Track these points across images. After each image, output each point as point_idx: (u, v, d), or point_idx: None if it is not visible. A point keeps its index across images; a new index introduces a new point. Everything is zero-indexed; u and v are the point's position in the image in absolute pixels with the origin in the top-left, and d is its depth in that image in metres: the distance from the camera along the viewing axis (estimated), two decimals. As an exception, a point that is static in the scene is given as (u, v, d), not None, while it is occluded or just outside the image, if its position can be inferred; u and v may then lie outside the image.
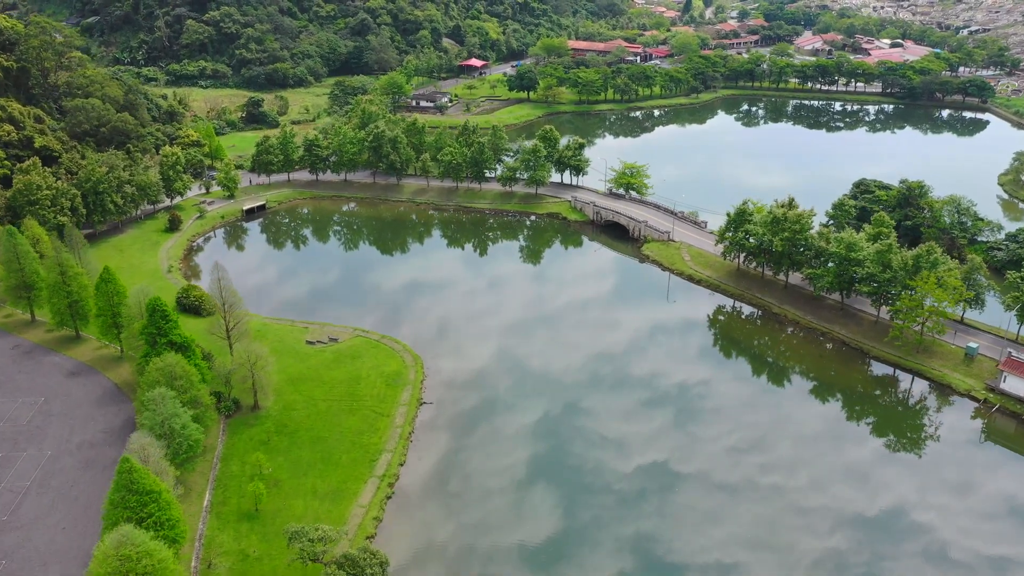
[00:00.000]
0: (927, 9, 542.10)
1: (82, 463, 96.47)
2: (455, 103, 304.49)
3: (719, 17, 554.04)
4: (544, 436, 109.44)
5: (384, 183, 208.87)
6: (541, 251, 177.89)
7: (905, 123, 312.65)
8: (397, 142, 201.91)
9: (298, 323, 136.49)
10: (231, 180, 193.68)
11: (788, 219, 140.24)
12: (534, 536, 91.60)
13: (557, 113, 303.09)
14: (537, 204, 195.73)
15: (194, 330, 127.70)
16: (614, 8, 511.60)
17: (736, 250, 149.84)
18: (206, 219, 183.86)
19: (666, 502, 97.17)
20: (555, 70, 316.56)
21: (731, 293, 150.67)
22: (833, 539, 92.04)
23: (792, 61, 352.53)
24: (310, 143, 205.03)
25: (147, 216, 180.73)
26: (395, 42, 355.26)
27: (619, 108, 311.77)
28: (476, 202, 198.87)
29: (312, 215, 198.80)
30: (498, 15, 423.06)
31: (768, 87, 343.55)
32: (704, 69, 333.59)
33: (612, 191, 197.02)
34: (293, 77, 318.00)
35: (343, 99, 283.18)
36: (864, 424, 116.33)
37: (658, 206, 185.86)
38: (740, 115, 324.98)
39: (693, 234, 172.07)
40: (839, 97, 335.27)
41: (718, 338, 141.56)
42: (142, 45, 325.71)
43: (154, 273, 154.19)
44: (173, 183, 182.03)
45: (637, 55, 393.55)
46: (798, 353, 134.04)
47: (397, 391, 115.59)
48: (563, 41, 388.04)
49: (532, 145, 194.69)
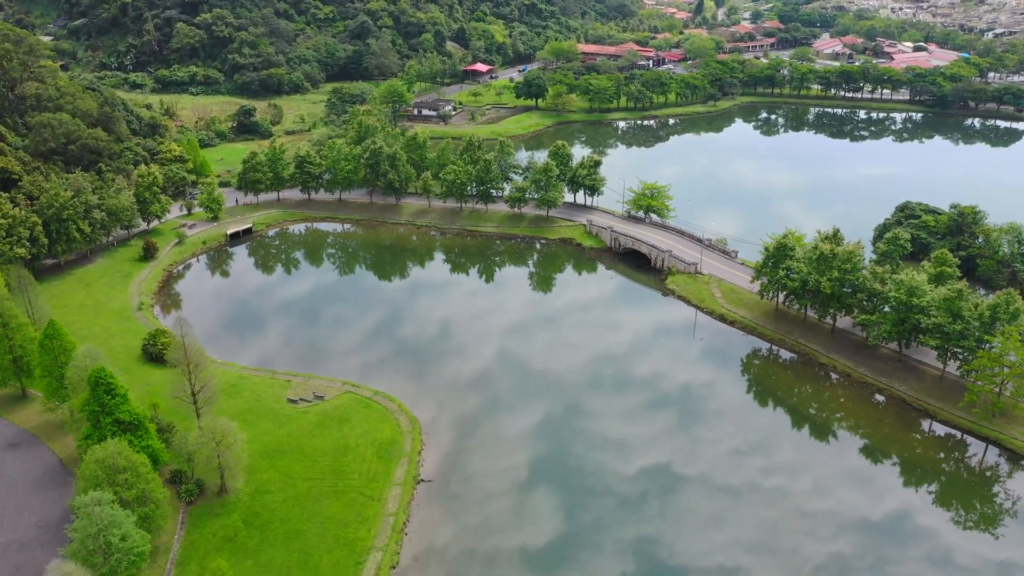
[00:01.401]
0: (948, 11, 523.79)
1: (8, 572, 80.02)
2: (459, 111, 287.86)
3: (732, 19, 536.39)
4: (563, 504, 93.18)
5: (382, 203, 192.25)
6: (553, 282, 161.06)
7: (935, 132, 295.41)
8: (396, 159, 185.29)
9: (279, 374, 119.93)
10: (214, 202, 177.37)
11: (837, 257, 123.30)
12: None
13: (567, 122, 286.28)
14: (548, 228, 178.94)
15: (160, 383, 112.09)
16: (624, 10, 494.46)
17: (775, 289, 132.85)
18: (185, 245, 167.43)
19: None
20: (565, 77, 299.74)
21: (769, 337, 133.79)
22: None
23: (814, 66, 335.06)
24: (301, 160, 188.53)
25: (120, 243, 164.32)
26: (396, 46, 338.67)
27: (632, 117, 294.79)
28: (482, 225, 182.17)
29: (303, 239, 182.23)
30: (504, 17, 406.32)
31: (789, 94, 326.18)
32: (722, 75, 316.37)
33: (630, 214, 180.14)
34: (289, 83, 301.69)
35: (340, 107, 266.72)
36: (927, 493, 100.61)
37: (682, 232, 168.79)
38: (759, 123, 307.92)
39: (723, 266, 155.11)
40: (864, 105, 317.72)
41: (752, 384, 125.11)
42: (130, 49, 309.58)
43: (122, 312, 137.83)
44: (149, 206, 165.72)
45: (650, 59, 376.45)
46: (848, 409, 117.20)
47: (390, 466, 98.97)
48: (572, 45, 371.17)
49: (543, 164, 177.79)
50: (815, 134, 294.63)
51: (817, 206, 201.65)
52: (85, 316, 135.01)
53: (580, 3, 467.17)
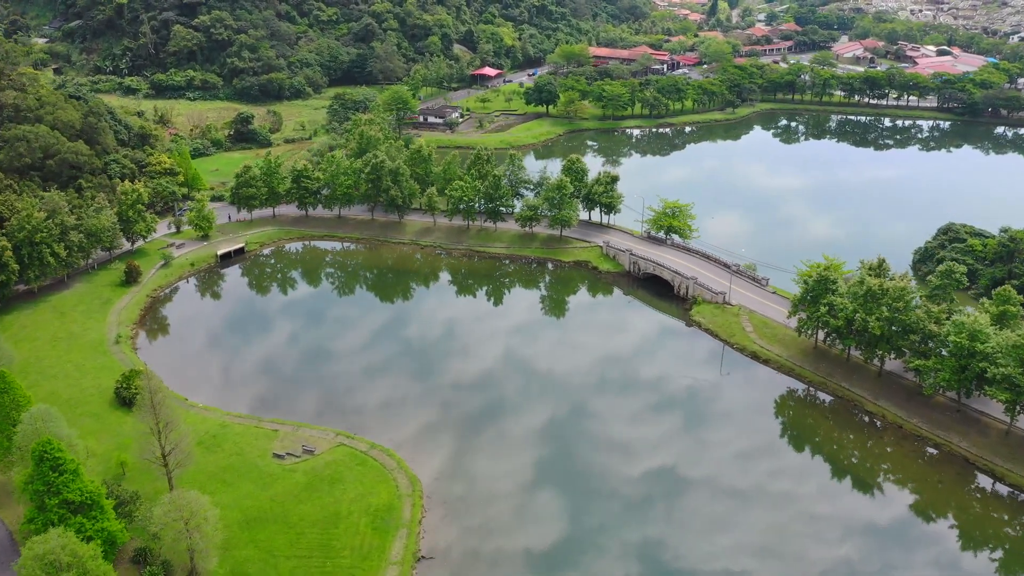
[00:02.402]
0: (970, 13, 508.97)
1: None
2: (466, 118, 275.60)
3: (746, 21, 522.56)
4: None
5: (384, 220, 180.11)
6: (567, 310, 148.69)
7: (963, 141, 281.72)
8: (399, 174, 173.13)
9: (266, 422, 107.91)
10: (204, 220, 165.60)
11: (887, 293, 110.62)
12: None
13: (579, 130, 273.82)
14: (562, 249, 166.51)
15: (133, 432, 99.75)
16: (636, 11, 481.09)
17: (815, 326, 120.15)
18: (172, 267, 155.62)
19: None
20: (577, 82, 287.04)
21: (808, 379, 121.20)
22: None
23: (836, 72, 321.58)
24: (298, 174, 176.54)
25: (101, 265, 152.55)
26: (402, 49, 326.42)
27: (647, 124, 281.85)
28: (490, 245, 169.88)
29: (299, 259, 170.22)
30: (513, 19, 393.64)
31: (810, 100, 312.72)
32: (740, 81, 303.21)
33: (650, 234, 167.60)
34: (289, 88, 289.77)
35: (343, 114, 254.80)
36: (988, 560, 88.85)
37: (707, 256, 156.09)
38: (779, 131, 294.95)
39: (753, 295, 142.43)
40: (890, 112, 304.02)
41: (787, 428, 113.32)
42: (126, 53, 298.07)
43: (97, 345, 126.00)
44: (133, 225, 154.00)
45: (664, 63, 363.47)
46: (897, 463, 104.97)
47: (387, 539, 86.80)
48: (584, 48, 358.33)
49: (557, 180, 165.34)
50: (837, 142, 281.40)
51: (845, 222, 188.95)
52: (56, 351, 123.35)
53: (591, 5, 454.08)
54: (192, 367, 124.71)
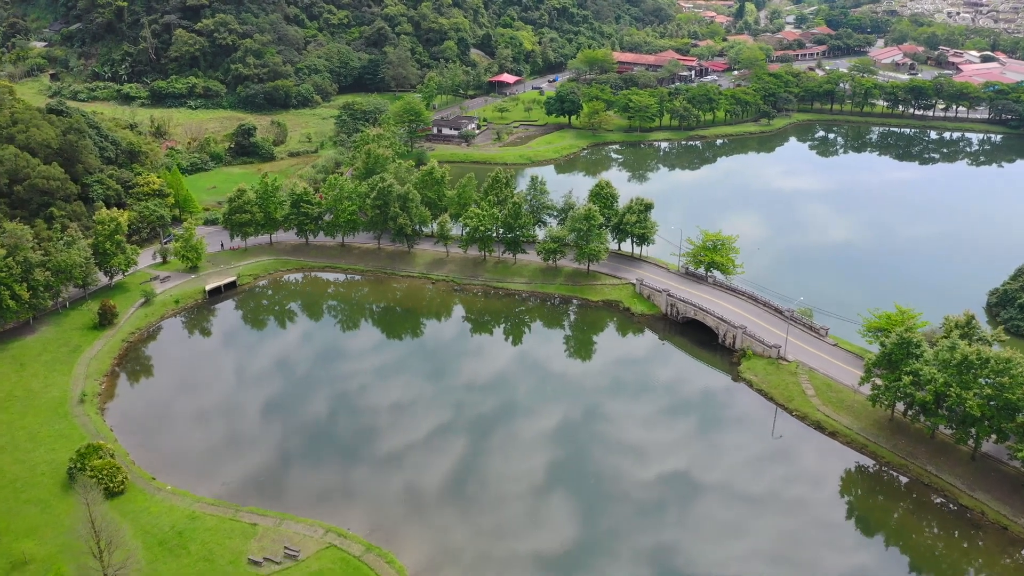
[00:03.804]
0: (1011, 16, 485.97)
1: None
2: (483, 130, 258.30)
3: (775, 24, 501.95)
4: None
5: (391, 250, 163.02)
6: (594, 359, 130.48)
7: (1016, 156, 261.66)
8: (408, 200, 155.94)
9: (244, 512, 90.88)
10: (192, 250, 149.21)
11: (988, 364, 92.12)
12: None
13: (603, 143, 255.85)
14: (589, 286, 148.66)
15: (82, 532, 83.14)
16: (660, 14, 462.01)
17: (896, 398, 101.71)
18: (154, 305, 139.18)
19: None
20: (601, 91, 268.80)
21: (883, 458, 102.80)
22: None
23: (877, 80, 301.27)
24: (298, 198, 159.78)
25: (74, 304, 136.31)
26: (416, 54, 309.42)
27: (676, 137, 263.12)
28: (509, 279, 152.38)
29: (297, 293, 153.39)
30: (533, 22, 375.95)
31: (851, 111, 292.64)
32: (775, 89, 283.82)
33: (688, 270, 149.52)
34: (297, 96, 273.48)
35: (351, 126, 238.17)
36: None
37: (756, 299, 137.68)
38: (815, 142, 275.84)
39: (810, 347, 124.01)
40: (936, 125, 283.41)
41: (853, 509, 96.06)
42: (125, 58, 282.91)
43: (58, 406, 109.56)
44: (110, 259, 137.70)
45: (692, 69, 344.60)
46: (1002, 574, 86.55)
47: None
48: (607, 53, 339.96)
49: (584, 209, 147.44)
50: (879, 155, 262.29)
51: (901, 253, 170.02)
52: (9, 413, 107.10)
53: (614, 7, 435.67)
54: (166, 432, 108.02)
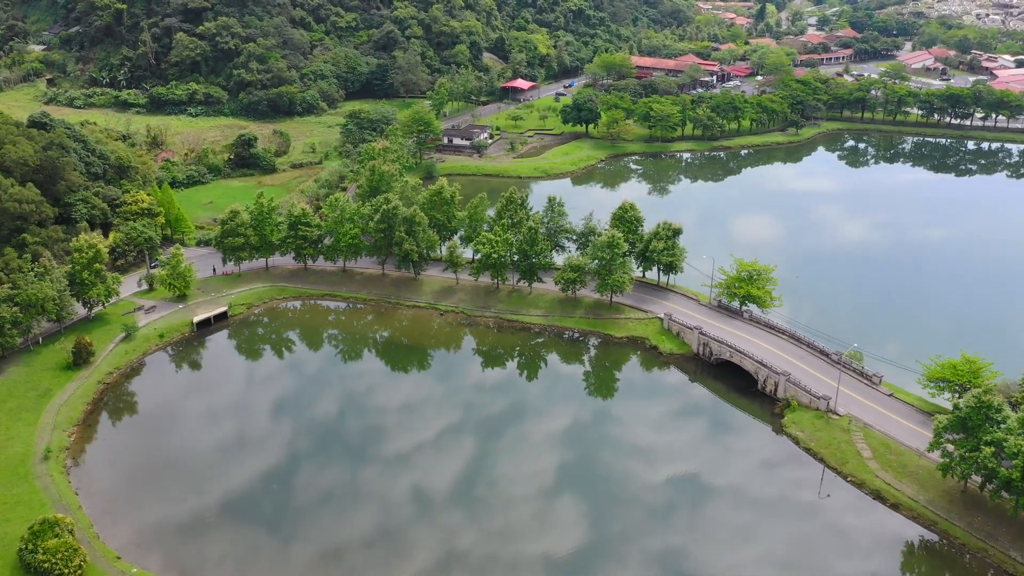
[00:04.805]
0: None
1: None
2: (496, 139, 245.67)
3: (797, 25, 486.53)
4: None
5: (397, 276, 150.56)
6: (616, 406, 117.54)
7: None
8: (415, 223, 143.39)
9: (220, 604, 78.66)
10: (180, 278, 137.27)
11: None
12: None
13: (623, 155, 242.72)
14: (612, 320, 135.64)
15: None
16: (679, 16, 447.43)
17: (972, 470, 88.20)
18: (135, 340, 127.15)
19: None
20: (621, 99, 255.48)
21: (956, 539, 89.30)
22: None
23: (911, 87, 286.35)
24: (296, 220, 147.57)
25: (47, 340, 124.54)
26: (426, 59, 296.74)
27: (699, 148, 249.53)
28: (524, 311, 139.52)
29: (292, 324, 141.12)
30: (548, 25, 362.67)
31: (883, 119, 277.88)
32: (803, 97, 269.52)
33: (721, 302, 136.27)
34: (301, 103, 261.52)
35: (358, 135, 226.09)
36: None
37: (798, 339, 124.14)
38: (844, 152, 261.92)
39: (862, 397, 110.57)
40: (974, 135, 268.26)
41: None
42: (124, 63, 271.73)
43: (18, 464, 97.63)
44: (88, 289, 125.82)
45: (713, 74, 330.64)
46: None
47: None
48: (625, 57, 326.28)
49: (607, 236, 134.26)
50: (912, 166, 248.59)
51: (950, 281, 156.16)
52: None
53: (631, 9, 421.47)
54: (140, 496, 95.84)
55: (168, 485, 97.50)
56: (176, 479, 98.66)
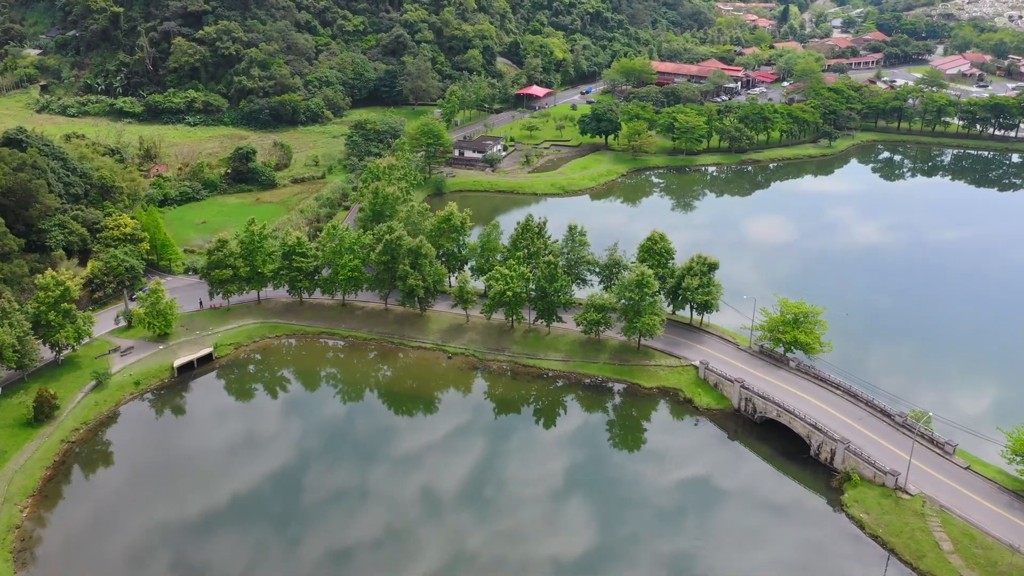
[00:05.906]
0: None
1: None
2: (510, 151, 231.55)
3: (821, 28, 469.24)
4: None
5: (401, 311, 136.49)
6: (644, 472, 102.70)
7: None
8: (420, 255, 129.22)
9: None
10: (160, 317, 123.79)
11: None
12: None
13: (645, 168, 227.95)
14: (641, 367, 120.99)
15: None
16: (700, 18, 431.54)
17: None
18: (107, 389, 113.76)
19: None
20: (643, 109, 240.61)
21: (1064, 660, 74.61)
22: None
23: (950, 95, 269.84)
24: (290, 250, 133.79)
25: (9, 388, 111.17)
26: (437, 64, 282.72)
27: (726, 161, 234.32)
28: (542, 354, 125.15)
29: (285, 365, 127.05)
30: (564, 28, 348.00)
31: (920, 130, 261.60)
32: (836, 106, 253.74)
33: (762, 347, 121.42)
34: (305, 112, 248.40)
35: (363, 147, 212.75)
36: None
37: (855, 395, 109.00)
38: (879, 165, 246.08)
39: (935, 470, 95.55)
40: (1019, 148, 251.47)
41: None
42: (120, 69, 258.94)
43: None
44: (56, 332, 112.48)
45: (737, 80, 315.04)
46: None
47: None
48: (645, 63, 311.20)
49: (635, 275, 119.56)
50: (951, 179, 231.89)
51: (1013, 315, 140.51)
52: None
53: (650, 11, 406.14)
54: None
55: (135, 571, 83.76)
56: (151, 565, 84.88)
